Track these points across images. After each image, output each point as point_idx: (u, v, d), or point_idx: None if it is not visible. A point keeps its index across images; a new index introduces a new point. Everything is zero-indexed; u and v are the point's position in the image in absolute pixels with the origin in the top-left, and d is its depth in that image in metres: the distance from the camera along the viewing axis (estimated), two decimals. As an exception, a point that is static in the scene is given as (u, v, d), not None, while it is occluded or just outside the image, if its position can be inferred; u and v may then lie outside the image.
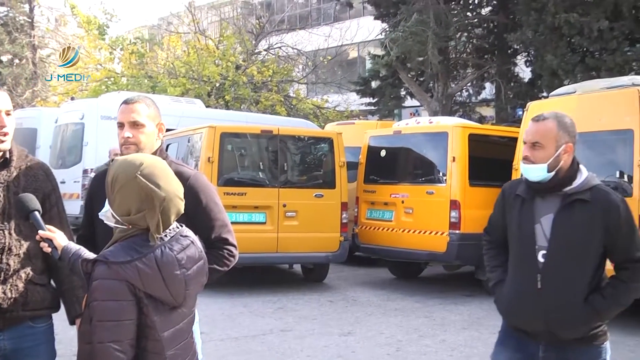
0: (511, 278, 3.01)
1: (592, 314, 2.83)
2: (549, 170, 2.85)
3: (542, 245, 2.87)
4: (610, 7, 13.53)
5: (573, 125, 2.93)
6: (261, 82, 22.44)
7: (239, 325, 7.67)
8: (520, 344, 2.98)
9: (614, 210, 2.83)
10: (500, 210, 3.12)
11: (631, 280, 2.87)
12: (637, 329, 7.38)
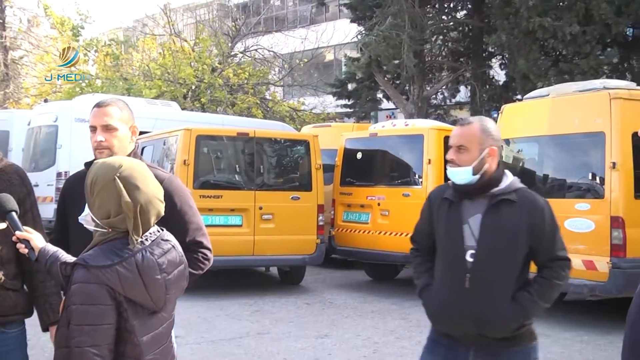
0: (440, 281, 3.02)
1: (520, 312, 2.89)
2: (474, 173, 2.93)
3: (471, 245, 2.91)
4: (581, 11, 13.72)
5: (497, 130, 3.03)
6: (237, 84, 22.39)
7: (215, 329, 7.64)
8: (450, 350, 2.98)
9: (539, 211, 2.93)
10: (426, 217, 3.14)
11: (555, 278, 2.95)
12: (608, 329, 7.49)
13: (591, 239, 7.60)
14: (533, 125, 8.59)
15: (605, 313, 8.43)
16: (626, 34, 14.31)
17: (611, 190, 7.46)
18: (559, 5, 14.33)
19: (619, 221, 7.34)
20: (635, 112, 7.50)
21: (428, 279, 3.08)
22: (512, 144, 9.01)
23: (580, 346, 6.98)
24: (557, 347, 6.92)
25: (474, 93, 19.29)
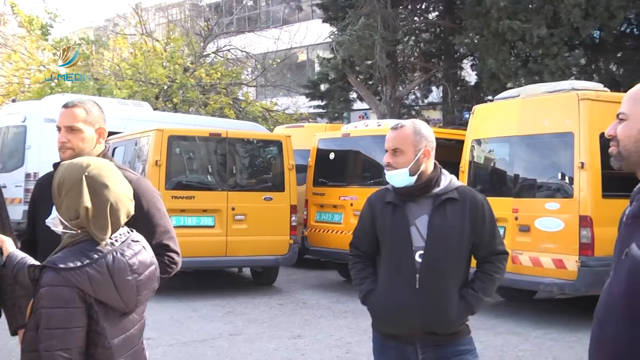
0: (387, 284, 3.03)
1: (466, 308, 2.99)
2: (411, 174, 2.99)
3: (419, 246, 2.96)
4: (550, 14, 13.91)
5: (430, 131, 3.08)
6: (210, 84, 22.28)
7: (187, 330, 7.60)
8: (399, 351, 3.03)
9: (479, 206, 3.02)
10: (368, 221, 3.14)
11: (495, 272, 3.07)
12: (577, 327, 7.60)
13: (561, 238, 7.71)
14: (504, 126, 8.69)
15: (574, 311, 8.55)
16: (593, 37, 14.54)
17: (580, 189, 7.57)
18: (528, 7, 14.50)
19: (587, 220, 7.46)
20: (602, 112, 7.62)
21: (371, 285, 3.10)
22: (483, 144, 9.10)
23: (550, 344, 7.07)
24: (528, 345, 7.00)
25: (445, 93, 19.46)
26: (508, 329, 7.73)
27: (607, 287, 2.00)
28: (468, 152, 9.00)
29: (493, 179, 9.14)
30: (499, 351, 6.80)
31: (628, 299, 1.86)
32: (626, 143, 1.95)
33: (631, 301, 1.85)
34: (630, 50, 15.16)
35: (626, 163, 1.97)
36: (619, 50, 15.08)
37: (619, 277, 1.92)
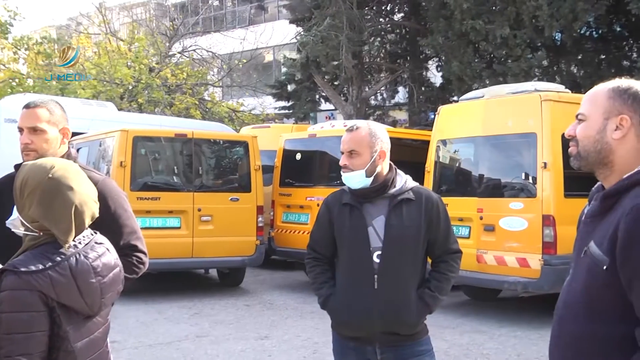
0: (345, 286, 3.05)
1: (424, 308, 3.02)
2: (368, 176, 3.01)
3: (377, 247, 2.98)
4: (512, 15, 14.11)
5: (385, 133, 3.11)
6: (175, 85, 22.10)
7: (153, 332, 7.53)
8: (359, 351, 3.06)
9: (435, 206, 3.06)
10: (325, 223, 3.15)
11: (450, 272, 3.11)
12: (539, 324, 7.71)
13: (524, 237, 7.82)
14: (468, 126, 8.78)
15: (537, 309, 8.69)
16: (555, 39, 14.79)
17: (543, 189, 7.69)
18: (491, 9, 14.69)
19: (550, 219, 7.58)
20: (564, 113, 7.74)
21: (330, 289, 3.11)
22: (448, 145, 9.19)
23: (514, 341, 7.16)
24: (492, 343, 7.09)
25: (411, 94, 19.60)
26: (473, 328, 7.82)
27: (566, 285, 2.05)
28: (433, 153, 9.08)
29: (458, 179, 9.23)
30: (464, 350, 6.87)
31: (587, 296, 1.90)
32: (585, 143, 1.98)
33: (589, 298, 1.89)
34: (590, 52, 15.45)
35: (585, 163, 2.01)
36: (580, 53, 15.36)
37: (578, 275, 1.96)
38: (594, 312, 1.87)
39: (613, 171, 1.95)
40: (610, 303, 1.82)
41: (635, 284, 1.74)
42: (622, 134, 1.93)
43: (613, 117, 1.93)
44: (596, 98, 1.99)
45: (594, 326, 1.86)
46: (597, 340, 1.85)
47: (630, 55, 15.79)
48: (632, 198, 1.80)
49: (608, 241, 1.82)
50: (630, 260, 1.75)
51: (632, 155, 1.92)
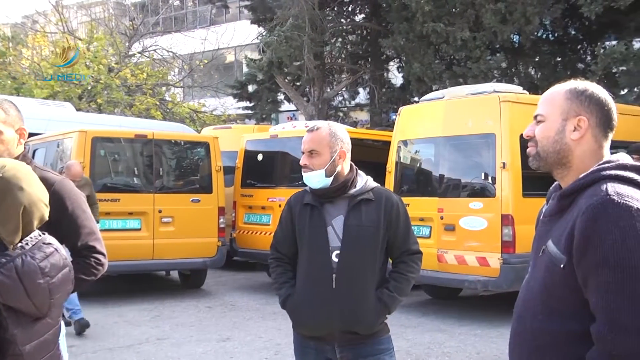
0: (305, 285, 3.08)
1: (383, 308, 3.03)
2: (328, 175, 3.03)
3: (336, 246, 3.00)
4: (472, 18, 14.31)
5: (345, 133, 3.14)
6: (135, 85, 21.84)
7: (112, 336, 7.43)
8: (318, 351, 3.08)
9: (394, 207, 3.07)
10: (288, 223, 3.17)
11: (409, 272, 3.12)
12: (499, 322, 7.83)
13: (484, 237, 7.92)
14: (429, 127, 8.86)
15: (496, 307, 8.81)
16: (512, 41, 15.04)
17: (502, 189, 7.80)
18: (451, 11, 14.86)
19: (509, 219, 7.69)
20: (522, 114, 7.86)
21: (289, 289, 3.13)
22: (409, 145, 9.26)
23: (474, 340, 7.25)
24: (453, 342, 7.16)
25: (372, 95, 19.70)
26: (434, 327, 7.89)
27: (525, 283, 2.08)
28: (394, 153, 9.14)
29: (419, 179, 9.31)
30: (425, 348, 6.93)
31: (545, 293, 1.93)
32: (544, 144, 2.02)
33: (547, 295, 1.92)
34: (546, 55, 15.76)
35: (544, 163, 2.04)
36: (537, 55, 15.66)
37: (536, 273, 2.00)
38: (551, 309, 1.90)
39: (570, 171, 1.99)
40: (567, 300, 1.86)
41: (590, 281, 1.78)
42: (580, 135, 1.97)
43: (571, 118, 1.97)
44: (554, 99, 2.03)
45: (552, 323, 1.89)
46: (554, 336, 1.88)
47: (584, 58, 16.15)
48: (588, 197, 1.84)
49: (565, 240, 1.85)
50: (586, 258, 1.79)
51: (588, 156, 1.97)
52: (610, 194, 1.79)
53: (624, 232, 1.74)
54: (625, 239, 1.73)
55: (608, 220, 1.76)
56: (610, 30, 15.17)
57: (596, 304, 1.77)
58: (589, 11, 12.42)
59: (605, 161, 1.94)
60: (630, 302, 1.71)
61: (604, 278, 1.75)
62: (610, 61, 12.54)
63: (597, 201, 1.79)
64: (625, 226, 1.74)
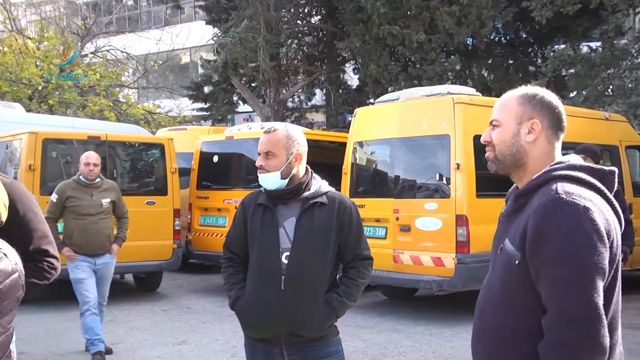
0: (255, 286, 3.06)
1: (331, 313, 3.03)
2: (283, 177, 3.03)
3: (286, 248, 3.00)
4: (427, 21, 14.49)
5: (302, 135, 3.15)
6: (88, 86, 21.45)
7: (65, 341, 7.29)
8: (267, 353, 3.08)
9: (347, 211, 3.08)
10: (241, 223, 3.16)
11: (359, 277, 3.12)
12: (454, 322, 7.93)
13: (439, 237, 8.01)
14: (384, 128, 8.92)
15: (451, 307, 8.92)
16: (466, 44, 15.28)
17: (456, 190, 7.90)
18: (407, 14, 15.01)
19: (463, 219, 7.79)
20: (476, 116, 7.99)
21: (239, 291, 3.10)
22: (365, 146, 9.31)
23: (430, 339, 7.33)
24: (409, 341, 7.23)
25: (329, 96, 19.77)
26: (390, 327, 7.95)
27: (486, 281, 2.15)
28: (350, 154, 9.18)
29: (375, 180, 9.37)
30: (382, 348, 6.98)
31: (503, 290, 2.01)
32: (501, 147, 2.10)
33: (505, 292, 1.99)
34: (499, 57, 16.06)
35: (502, 166, 2.12)
36: (490, 58, 15.94)
37: (496, 271, 2.07)
38: (509, 305, 1.98)
39: (527, 172, 2.07)
40: (523, 296, 1.94)
41: (542, 276, 1.86)
42: (534, 137, 2.06)
43: (525, 121, 2.06)
44: (507, 105, 2.11)
45: (510, 318, 1.97)
46: (514, 332, 1.95)
47: (535, 60, 16.51)
48: (539, 197, 1.92)
49: (519, 237, 1.93)
50: (537, 254, 1.87)
51: (543, 157, 2.06)
52: (559, 192, 1.88)
53: (572, 229, 1.82)
54: (574, 236, 1.82)
55: (558, 217, 1.84)
56: (559, 34, 15.57)
57: (546, 297, 1.86)
58: (540, 16, 12.69)
59: (557, 162, 2.03)
60: (577, 294, 1.80)
61: (554, 272, 1.83)
62: (559, 64, 12.84)
63: (547, 200, 1.88)
64: (574, 223, 1.83)
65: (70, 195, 6.65)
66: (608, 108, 13.05)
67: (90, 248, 6.63)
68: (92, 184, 6.71)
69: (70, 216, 6.67)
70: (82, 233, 6.60)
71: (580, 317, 1.78)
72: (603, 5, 12.51)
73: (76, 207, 6.64)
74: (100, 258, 6.72)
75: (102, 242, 6.72)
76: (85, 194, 6.68)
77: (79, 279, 6.58)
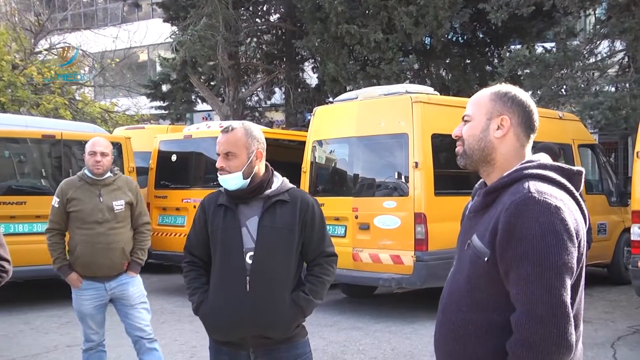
0: (218, 289, 3.01)
1: (298, 312, 2.99)
2: (245, 177, 2.98)
3: (250, 247, 2.95)
4: (385, 20, 14.59)
5: (260, 132, 3.11)
6: (42, 83, 21.01)
7: (17, 345, 7.14)
8: (232, 356, 3.04)
9: (310, 208, 3.05)
10: (201, 225, 3.10)
11: (324, 275, 3.10)
12: (412, 319, 8.00)
13: (398, 235, 8.07)
14: (343, 127, 8.95)
15: (410, 304, 9.00)
16: (424, 43, 15.42)
17: (414, 188, 7.96)
18: (365, 13, 15.09)
19: (421, 217, 7.86)
20: (434, 115, 8.09)
21: (202, 296, 3.05)
22: (324, 145, 9.33)
23: (389, 336, 7.38)
24: (369, 339, 7.27)
25: (288, 95, 19.74)
26: (350, 325, 7.98)
27: (451, 276, 2.17)
28: (309, 153, 9.18)
29: (334, 179, 9.39)
30: (341, 346, 7.00)
31: (469, 285, 2.02)
32: (470, 142, 2.12)
33: (471, 288, 2.01)
34: (457, 57, 16.26)
35: (470, 160, 2.14)
36: (447, 57, 16.12)
37: (461, 266, 2.09)
38: (475, 300, 2.00)
39: (495, 168, 2.10)
40: (490, 292, 1.96)
41: (512, 274, 1.89)
42: (503, 133, 2.09)
43: (495, 117, 2.09)
44: (479, 101, 2.14)
45: (475, 314, 1.99)
46: (477, 326, 1.98)
47: (492, 60, 16.76)
48: (511, 194, 1.94)
49: (489, 234, 1.95)
50: (508, 252, 1.89)
51: (512, 154, 2.09)
52: (531, 191, 1.90)
53: (543, 228, 1.85)
54: (545, 235, 1.84)
55: (529, 216, 1.86)
56: (515, 35, 15.84)
57: (516, 295, 1.87)
58: (495, 18, 12.88)
59: (527, 160, 2.06)
60: (547, 293, 1.82)
61: (524, 271, 1.85)
62: (515, 64, 13.05)
63: (519, 198, 1.90)
64: (545, 222, 1.85)
65: (72, 197, 4.94)
66: (562, 107, 13.32)
67: (97, 269, 4.96)
68: (100, 181, 4.97)
69: (74, 225, 4.98)
70: (87, 248, 4.91)
71: (549, 316, 1.81)
72: (556, 7, 12.77)
73: (79, 213, 4.92)
74: (112, 281, 5.03)
75: (113, 261, 4.97)
76: (91, 195, 4.94)
77: (81, 314, 5.16)
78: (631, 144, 13.35)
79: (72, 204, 4.92)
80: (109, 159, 4.96)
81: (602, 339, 7.09)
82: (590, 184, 10.61)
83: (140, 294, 5.15)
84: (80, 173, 5.06)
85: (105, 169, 4.94)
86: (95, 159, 4.87)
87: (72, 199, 4.92)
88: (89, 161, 4.92)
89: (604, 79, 13.21)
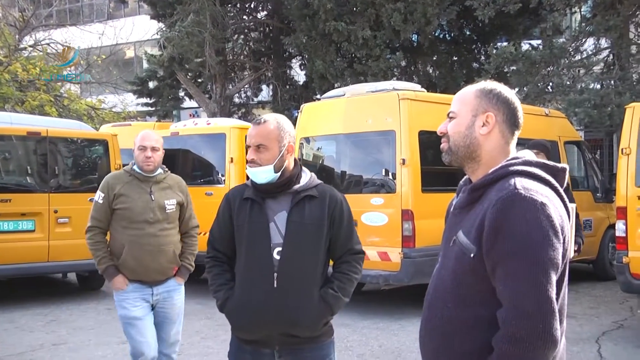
0: (244, 285, 2.94)
1: (326, 309, 2.94)
2: (276, 171, 2.92)
3: (277, 243, 2.88)
4: (372, 17, 14.60)
5: (292, 126, 3.06)
6: (27, 80, 20.85)
7: (2, 344, 7.09)
8: (255, 355, 2.96)
9: (338, 204, 3.00)
10: (226, 219, 3.02)
11: (352, 272, 3.05)
12: (399, 315, 8.02)
13: (385, 232, 8.08)
14: (330, 124, 8.95)
15: (398, 301, 9.02)
16: (412, 40, 15.45)
17: (402, 185, 7.98)
18: (352, 10, 15.09)
19: (409, 214, 7.88)
20: (421, 112, 8.10)
21: (228, 292, 2.98)
22: (311, 142, 9.32)
23: (377, 333, 7.39)
24: (356, 336, 7.28)
25: (275, 92, 19.73)
26: (338, 321, 7.91)
27: (436, 272, 2.17)
28: (297, 150, 9.17)
29: (321, 175, 9.24)
30: (329, 343, 6.99)
31: (454, 282, 2.02)
32: (456, 138, 2.12)
33: (457, 284, 2.01)
34: (444, 54, 16.30)
35: (455, 157, 2.14)
36: (435, 54, 16.15)
37: (447, 262, 2.08)
38: (460, 296, 2.00)
39: (480, 165, 2.10)
40: (476, 288, 1.96)
41: (498, 270, 1.89)
42: (488, 130, 2.09)
43: (480, 114, 2.09)
44: (465, 98, 2.14)
45: (461, 310, 1.99)
46: (463, 322, 1.98)
47: (479, 57, 16.82)
48: (497, 191, 1.94)
49: (475, 231, 1.95)
50: (494, 249, 1.89)
51: (497, 151, 2.09)
52: (518, 188, 1.90)
53: (530, 224, 1.85)
54: (531, 231, 1.85)
55: (516, 212, 1.87)
56: (501, 32, 15.89)
57: (503, 291, 1.88)
58: (482, 15, 12.93)
59: (513, 157, 2.06)
60: (533, 289, 1.83)
61: (510, 267, 1.86)
62: (502, 61, 13.10)
63: (506, 195, 1.90)
64: (531, 218, 1.86)
65: (120, 193, 4.55)
66: (548, 104, 13.39)
67: (145, 273, 4.55)
68: (151, 177, 4.60)
69: (119, 224, 4.57)
70: (135, 250, 4.50)
71: (535, 311, 1.81)
72: (542, 4, 12.83)
73: (127, 211, 4.52)
74: (160, 286, 4.66)
75: (163, 265, 4.61)
76: (141, 192, 4.56)
77: (129, 318, 4.64)
78: (616, 141, 13.46)
79: (120, 200, 4.53)
80: (159, 154, 4.58)
81: (587, 334, 7.14)
82: (575, 180, 10.67)
83: (182, 305, 4.87)
84: (127, 167, 4.70)
85: (157, 165, 4.59)
86: (145, 154, 4.50)
87: (120, 194, 4.54)
88: (138, 157, 4.54)
89: (590, 76, 13.30)
